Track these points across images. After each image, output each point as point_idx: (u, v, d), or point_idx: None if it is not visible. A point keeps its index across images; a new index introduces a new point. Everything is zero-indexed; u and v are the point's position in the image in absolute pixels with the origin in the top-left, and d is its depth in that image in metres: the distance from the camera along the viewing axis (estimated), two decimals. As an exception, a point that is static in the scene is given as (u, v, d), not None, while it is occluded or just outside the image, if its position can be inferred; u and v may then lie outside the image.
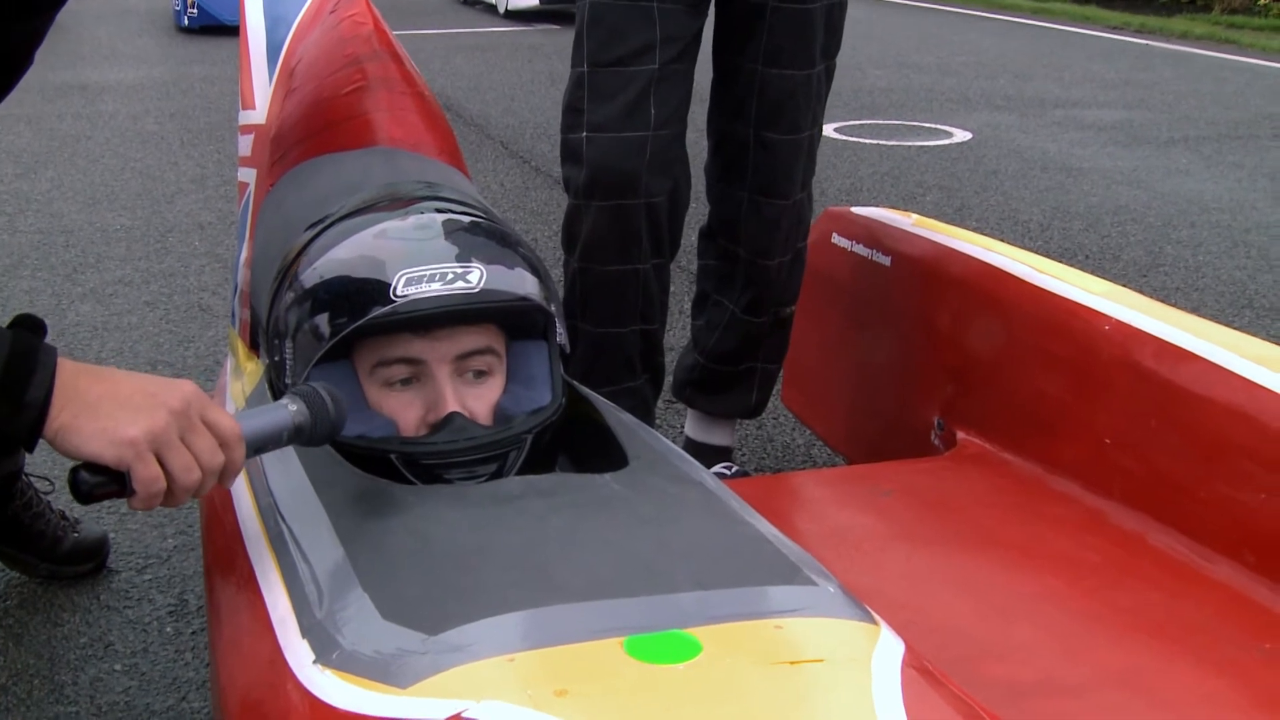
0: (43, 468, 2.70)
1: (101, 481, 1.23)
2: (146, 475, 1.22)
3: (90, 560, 2.53)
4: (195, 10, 11.38)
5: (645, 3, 2.28)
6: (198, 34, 11.32)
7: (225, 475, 1.29)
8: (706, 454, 2.72)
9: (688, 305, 3.24)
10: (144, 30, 11.78)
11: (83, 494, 1.23)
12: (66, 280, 4.38)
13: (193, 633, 2.34)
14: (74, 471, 1.23)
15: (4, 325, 1.27)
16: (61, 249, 4.75)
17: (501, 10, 13.62)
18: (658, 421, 2.79)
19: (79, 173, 6.01)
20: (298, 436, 1.35)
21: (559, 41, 11.40)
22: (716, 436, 2.80)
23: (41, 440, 1.24)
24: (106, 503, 2.68)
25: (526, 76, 9.42)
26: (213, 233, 5.01)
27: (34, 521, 2.47)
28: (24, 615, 2.39)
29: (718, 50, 2.47)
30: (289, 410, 1.34)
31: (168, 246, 4.83)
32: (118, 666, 2.24)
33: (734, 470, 2.76)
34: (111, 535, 2.62)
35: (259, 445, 1.33)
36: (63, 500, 2.68)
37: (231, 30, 10.42)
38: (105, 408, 1.22)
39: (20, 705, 2.14)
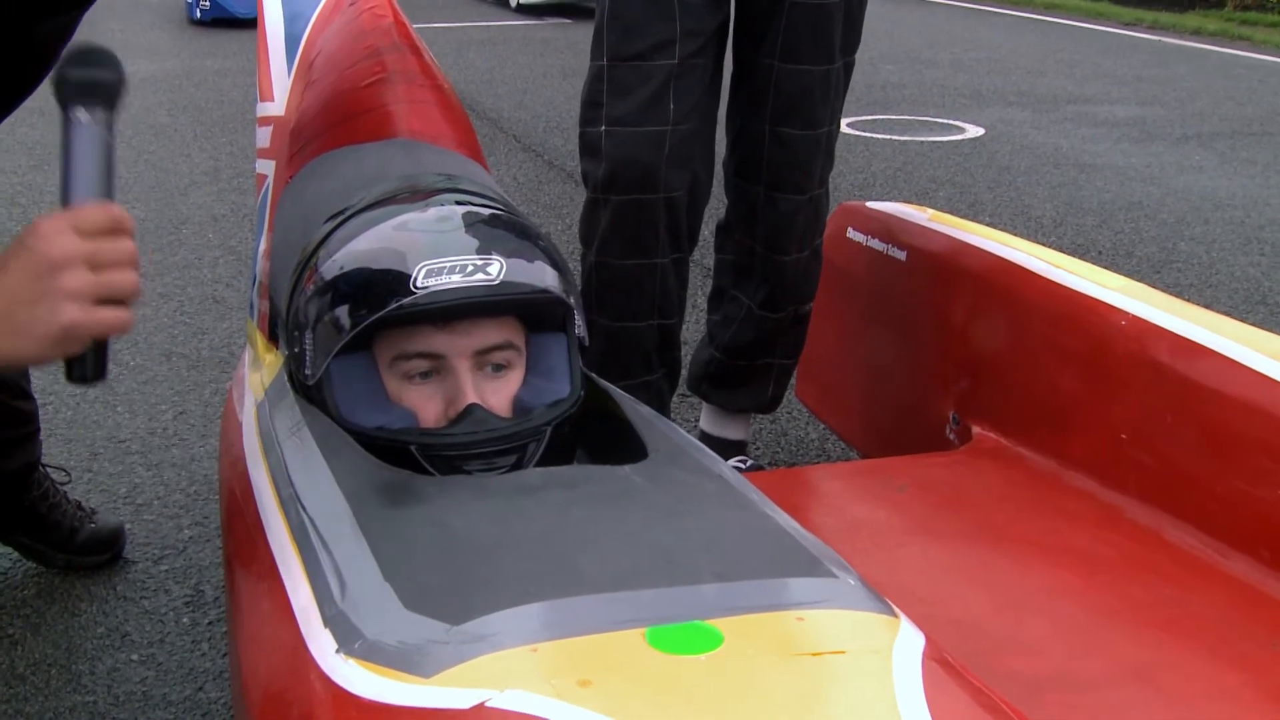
0: (59, 458, 2.72)
1: (80, 361, 1.26)
2: (94, 330, 1.22)
3: (106, 551, 2.54)
4: (208, 3, 11.40)
5: None
6: (210, 27, 11.34)
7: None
8: (721, 448, 2.71)
9: (701, 299, 3.24)
10: (156, 23, 11.79)
11: (89, 377, 1.27)
12: (81, 272, 4.38)
13: (209, 623, 2.35)
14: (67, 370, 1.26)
15: None
16: (76, 241, 4.75)
17: (513, 4, 13.62)
18: (672, 415, 2.79)
19: (93, 165, 6.00)
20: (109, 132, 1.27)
21: (570, 35, 11.40)
22: (731, 430, 2.80)
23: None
24: (121, 495, 2.74)
25: (539, 70, 9.42)
26: (226, 226, 5.01)
27: (51, 512, 2.48)
28: (41, 605, 2.40)
29: (737, 45, 2.47)
30: (89, 128, 1.25)
31: (181, 239, 4.83)
32: (134, 656, 2.25)
33: (748, 464, 2.76)
34: (128, 526, 2.64)
35: (105, 189, 1.27)
36: (79, 491, 2.69)
37: (243, 24, 10.56)
38: (20, 315, 1.19)
39: (38, 694, 2.15)
